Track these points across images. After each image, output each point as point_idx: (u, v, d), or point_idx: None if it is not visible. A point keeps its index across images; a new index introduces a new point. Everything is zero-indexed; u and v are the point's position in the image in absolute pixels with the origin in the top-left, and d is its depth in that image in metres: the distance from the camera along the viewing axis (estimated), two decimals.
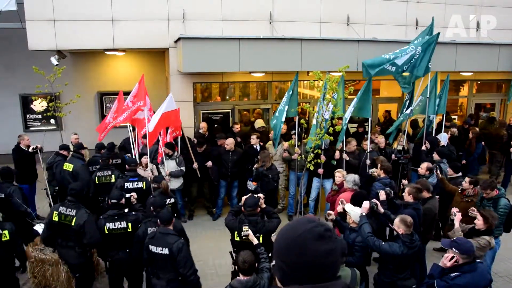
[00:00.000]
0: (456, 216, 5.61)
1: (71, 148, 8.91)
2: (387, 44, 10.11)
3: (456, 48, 10.65)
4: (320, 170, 8.51)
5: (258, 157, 8.38)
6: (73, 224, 5.52)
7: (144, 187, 7.18)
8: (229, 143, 8.92)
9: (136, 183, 7.20)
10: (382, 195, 6.05)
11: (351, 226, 5.51)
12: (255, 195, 5.57)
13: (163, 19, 10.17)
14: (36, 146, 8.63)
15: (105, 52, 11.48)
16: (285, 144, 9.02)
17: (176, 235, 5.05)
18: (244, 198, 5.56)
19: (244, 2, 10.62)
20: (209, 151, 9.14)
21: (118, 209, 5.54)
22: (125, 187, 7.11)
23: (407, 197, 5.96)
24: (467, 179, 6.62)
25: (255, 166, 8.26)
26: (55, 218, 5.63)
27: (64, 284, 6.28)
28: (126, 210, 5.63)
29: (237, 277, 4.28)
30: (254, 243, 4.97)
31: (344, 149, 8.89)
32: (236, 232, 5.35)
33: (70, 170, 7.94)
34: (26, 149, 8.67)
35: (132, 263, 5.60)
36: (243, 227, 5.10)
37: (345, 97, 8.27)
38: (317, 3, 11.12)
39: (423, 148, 9.21)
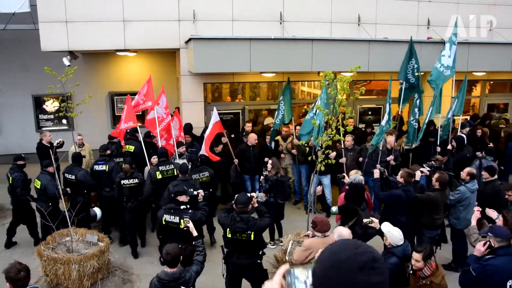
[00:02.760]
0: (474, 213, 5.63)
1: None
2: (398, 44, 10.05)
3: (469, 47, 10.53)
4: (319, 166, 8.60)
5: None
6: (175, 173, 7.47)
7: (106, 170, 8.06)
8: (252, 138, 9.23)
9: (101, 166, 8.13)
10: (376, 173, 6.81)
11: (388, 247, 5.06)
12: (248, 194, 5.81)
13: (174, 20, 10.22)
14: (60, 141, 9.35)
15: (117, 53, 11.57)
16: (290, 138, 9.96)
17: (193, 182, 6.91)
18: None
19: (255, 3, 10.62)
20: (229, 149, 9.18)
21: (176, 204, 5.83)
22: (94, 169, 8.16)
23: (400, 179, 6.66)
24: (416, 254, 4.59)
25: (269, 175, 7.97)
26: (159, 176, 7.51)
27: (75, 283, 6.33)
28: (182, 207, 5.85)
29: (164, 269, 4.44)
30: (194, 235, 5.25)
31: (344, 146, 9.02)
32: (228, 229, 5.47)
33: (132, 150, 9.07)
34: (49, 145, 9.15)
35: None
36: (184, 218, 5.33)
37: (356, 97, 8.24)
38: (328, 3, 11.08)
39: (449, 147, 9.18)
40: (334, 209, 6.39)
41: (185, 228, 5.36)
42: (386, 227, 5.08)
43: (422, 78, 11.29)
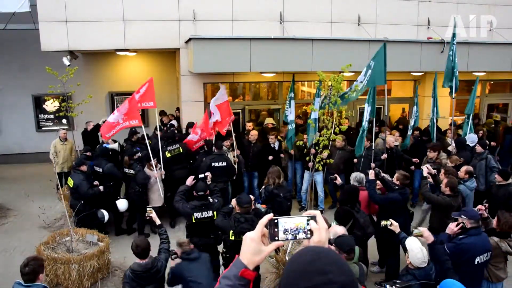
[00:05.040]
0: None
1: None
2: (398, 44, 10.04)
3: (469, 47, 10.53)
4: (310, 164, 8.63)
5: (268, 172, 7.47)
6: (181, 151, 8.72)
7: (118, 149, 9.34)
8: (253, 134, 9.50)
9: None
10: (371, 174, 6.72)
11: (409, 267, 4.56)
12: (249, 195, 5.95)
13: (174, 20, 10.21)
14: (105, 120, 10.01)
15: (117, 53, 11.57)
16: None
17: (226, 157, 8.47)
18: (234, 199, 5.87)
19: (255, 2, 10.62)
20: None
21: (204, 200, 6.00)
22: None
23: (396, 182, 6.66)
24: None
25: (264, 183, 7.44)
26: (168, 155, 8.57)
27: (75, 283, 6.34)
28: (211, 200, 6.08)
29: (136, 261, 4.65)
30: (157, 223, 5.37)
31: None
32: (231, 232, 5.47)
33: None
34: (88, 128, 10.38)
35: (214, 248, 6.11)
36: (147, 209, 5.52)
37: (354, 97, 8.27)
38: (328, 3, 11.07)
39: (450, 148, 9.13)
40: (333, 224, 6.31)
41: (147, 218, 5.53)
42: (410, 243, 4.55)
43: (423, 78, 11.34)
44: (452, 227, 4.99)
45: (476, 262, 4.82)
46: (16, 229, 8.71)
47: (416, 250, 4.42)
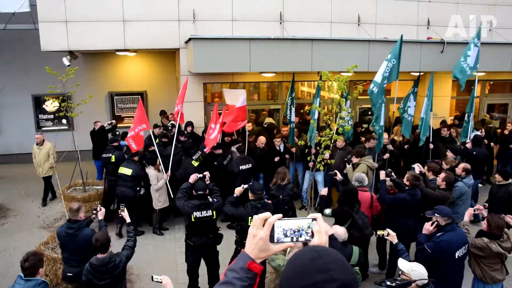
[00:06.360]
0: (468, 210, 5.80)
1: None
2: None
3: None
4: (310, 164, 8.65)
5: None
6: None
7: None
8: (262, 141, 9.50)
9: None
10: (382, 174, 6.73)
11: None
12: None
13: (173, 20, 10.22)
14: (112, 122, 10.62)
15: (116, 53, 11.57)
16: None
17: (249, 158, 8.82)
18: (239, 188, 6.11)
19: (255, 3, 10.62)
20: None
21: (203, 199, 6.01)
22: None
23: (406, 182, 6.61)
24: None
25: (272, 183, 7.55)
26: (196, 164, 8.58)
27: None
28: (210, 200, 6.08)
29: (96, 256, 4.82)
30: (127, 221, 5.57)
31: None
32: (250, 218, 5.58)
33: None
34: (95, 128, 10.56)
35: (213, 247, 6.16)
36: (120, 206, 5.80)
37: (356, 97, 8.24)
38: (328, 3, 11.08)
39: (468, 145, 9.23)
40: (327, 211, 6.33)
41: (119, 215, 5.66)
42: (404, 265, 4.16)
43: (423, 78, 11.33)
44: (427, 227, 5.16)
45: (456, 257, 5.00)
46: (16, 229, 8.71)
47: (417, 268, 4.10)
